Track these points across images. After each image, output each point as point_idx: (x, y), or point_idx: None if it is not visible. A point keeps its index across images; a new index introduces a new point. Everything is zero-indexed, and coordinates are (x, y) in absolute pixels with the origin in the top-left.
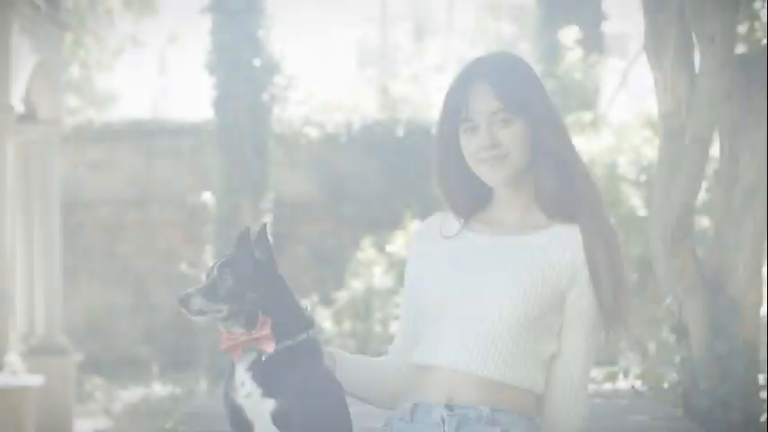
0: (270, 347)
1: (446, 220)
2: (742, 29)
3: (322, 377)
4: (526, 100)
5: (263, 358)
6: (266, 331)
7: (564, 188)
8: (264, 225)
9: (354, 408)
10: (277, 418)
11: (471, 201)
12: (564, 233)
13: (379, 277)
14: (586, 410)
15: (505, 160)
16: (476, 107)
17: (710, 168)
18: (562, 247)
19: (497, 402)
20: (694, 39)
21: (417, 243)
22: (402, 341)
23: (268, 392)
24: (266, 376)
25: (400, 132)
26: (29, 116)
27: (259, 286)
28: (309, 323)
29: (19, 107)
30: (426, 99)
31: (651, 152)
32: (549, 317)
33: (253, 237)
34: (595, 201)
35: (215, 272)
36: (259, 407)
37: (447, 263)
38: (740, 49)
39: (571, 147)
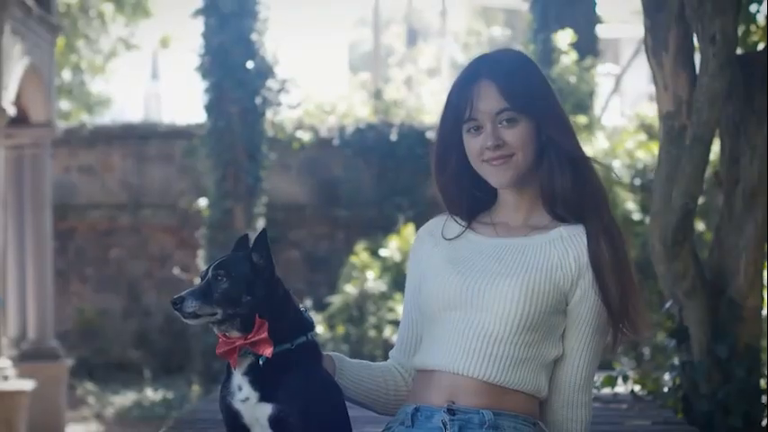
0: (267, 351)
1: (448, 222)
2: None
3: (321, 381)
4: (532, 99)
5: (261, 362)
6: (263, 335)
7: (573, 187)
8: (264, 230)
9: (354, 412)
10: (275, 424)
11: (473, 202)
12: (567, 234)
13: (373, 281)
14: (589, 415)
15: (510, 161)
16: (480, 106)
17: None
18: (565, 248)
19: (500, 407)
20: (695, 38)
21: (419, 245)
22: (403, 345)
23: (265, 397)
24: (263, 380)
25: (393, 136)
26: (21, 119)
27: (255, 290)
28: (309, 326)
29: (11, 110)
30: (419, 103)
31: (645, 156)
32: (552, 320)
33: (252, 241)
34: (603, 200)
35: (209, 274)
36: (256, 412)
37: (449, 265)
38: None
39: (578, 145)
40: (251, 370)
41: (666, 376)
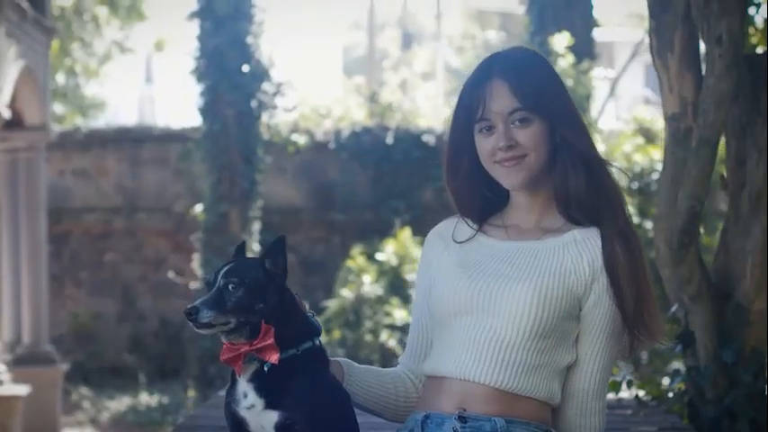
0: (273, 358)
1: (459, 225)
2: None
3: (328, 387)
4: (545, 98)
5: (266, 368)
6: (269, 341)
7: (589, 188)
8: (283, 236)
9: (361, 418)
10: (281, 431)
11: (484, 204)
12: (581, 237)
13: (369, 285)
14: (603, 422)
15: (523, 162)
16: (492, 106)
17: None
18: (579, 251)
19: (512, 414)
20: (700, 39)
21: (429, 248)
22: (413, 350)
23: (271, 404)
24: (269, 387)
25: (389, 140)
26: (16, 123)
27: (268, 297)
28: (315, 331)
29: (5, 113)
30: (415, 106)
31: (643, 159)
32: (565, 325)
33: (253, 246)
34: (618, 202)
35: (220, 282)
36: (262, 419)
37: (459, 269)
38: None
39: (593, 145)
40: (256, 376)
41: (665, 380)
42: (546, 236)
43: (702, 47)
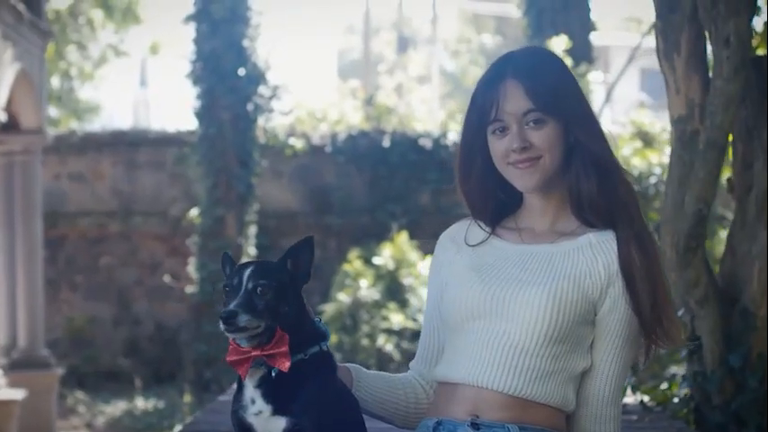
0: (285, 366)
1: (471, 228)
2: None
3: (335, 392)
4: (559, 99)
5: (273, 374)
6: (283, 348)
7: (602, 191)
8: (310, 237)
9: (371, 424)
10: None
11: (497, 206)
12: (596, 240)
13: (366, 289)
14: (618, 429)
15: (537, 164)
16: (506, 107)
17: None
18: (594, 255)
19: (525, 420)
20: (707, 40)
21: (441, 251)
22: (424, 355)
23: (279, 410)
24: (277, 393)
25: (386, 143)
26: (11, 126)
27: (290, 300)
28: (322, 336)
29: (2, 116)
30: (410, 110)
31: (641, 163)
32: (580, 330)
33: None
34: (633, 205)
35: (247, 284)
36: (270, 425)
37: (472, 272)
38: None
39: (608, 148)
40: (263, 382)
41: (664, 385)
42: (560, 239)
43: (709, 48)
